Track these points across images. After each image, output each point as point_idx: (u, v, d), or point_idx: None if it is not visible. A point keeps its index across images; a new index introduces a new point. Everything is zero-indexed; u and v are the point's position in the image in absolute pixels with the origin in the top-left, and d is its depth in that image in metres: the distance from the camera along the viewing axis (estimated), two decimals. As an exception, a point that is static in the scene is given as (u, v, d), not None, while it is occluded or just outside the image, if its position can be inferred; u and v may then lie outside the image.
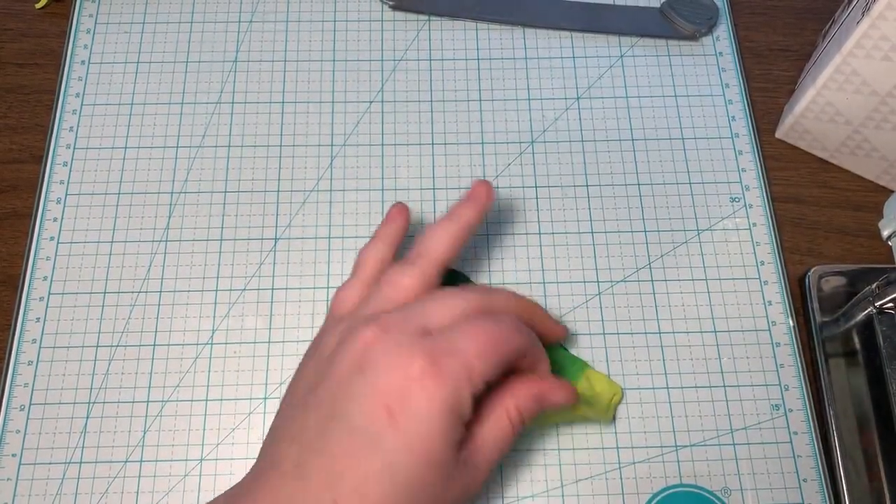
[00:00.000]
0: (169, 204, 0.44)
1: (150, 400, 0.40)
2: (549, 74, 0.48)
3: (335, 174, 0.45)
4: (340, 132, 0.46)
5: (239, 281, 0.42)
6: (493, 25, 0.50)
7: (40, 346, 0.41)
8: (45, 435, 0.39)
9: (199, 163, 0.45)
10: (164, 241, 0.43)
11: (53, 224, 0.43)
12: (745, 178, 0.45)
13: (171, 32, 0.49)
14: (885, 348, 0.39)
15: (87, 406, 0.39)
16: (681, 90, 0.48)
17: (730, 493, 0.38)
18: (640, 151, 0.46)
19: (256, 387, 0.40)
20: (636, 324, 0.42)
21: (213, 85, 0.47)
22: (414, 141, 0.46)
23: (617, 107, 0.47)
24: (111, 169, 0.45)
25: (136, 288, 0.42)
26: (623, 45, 0.49)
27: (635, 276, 0.43)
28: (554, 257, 0.43)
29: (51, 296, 0.42)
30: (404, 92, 0.48)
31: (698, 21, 0.49)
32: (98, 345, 0.41)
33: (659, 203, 0.45)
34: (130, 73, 0.48)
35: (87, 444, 0.39)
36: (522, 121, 0.47)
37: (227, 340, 0.41)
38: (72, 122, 0.46)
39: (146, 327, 0.41)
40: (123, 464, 0.38)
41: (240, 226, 0.44)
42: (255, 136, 0.46)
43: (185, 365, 0.40)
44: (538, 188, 0.45)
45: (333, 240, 0.43)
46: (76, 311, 0.41)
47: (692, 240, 0.44)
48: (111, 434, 0.39)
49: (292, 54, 0.48)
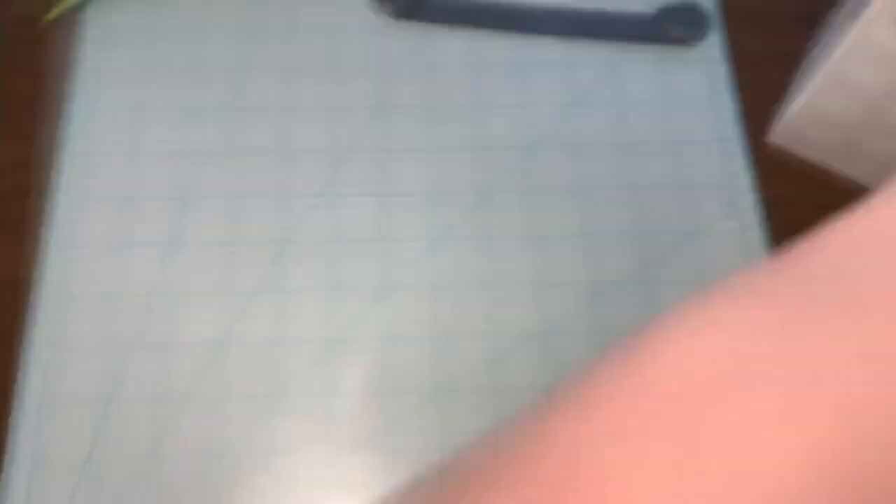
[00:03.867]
0: (176, 209, 0.45)
1: (160, 403, 0.40)
2: (543, 81, 0.49)
3: (337, 181, 0.46)
4: (341, 140, 0.47)
5: (244, 286, 0.43)
6: (488, 34, 0.50)
7: (50, 350, 0.41)
8: (56, 438, 0.39)
9: (204, 169, 0.46)
10: (172, 245, 0.44)
11: (63, 229, 0.44)
12: (737, 183, 0.46)
13: (176, 42, 0.49)
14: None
15: (98, 409, 0.40)
16: (673, 96, 0.48)
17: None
18: (633, 156, 0.46)
19: (266, 390, 0.40)
20: (629, 329, 0.42)
21: (218, 92, 0.48)
22: (413, 148, 0.47)
23: (610, 113, 0.48)
24: (118, 176, 0.46)
25: (144, 292, 0.43)
26: (616, 51, 0.50)
27: (628, 281, 0.43)
28: (548, 263, 0.43)
29: (59, 301, 0.42)
30: (403, 100, 0.48)
31: (691, 27, 0.49)
32: (107, 349, 0.41)
33: (652, 208, 0.45)
34: (136, 82, 0.48)
35: (99, 447, 0.39)
36: (518, 127, 0.47)
37: (237, 344, 0.41)
38: (80, 129, 0.47)
39: (155, 332, 0.42)
40: (135, 467, 0.39)
41: (246, 231, 0.44)
42: (259, 143, 0.47)
43: (197, 367, 0.41)
44: (533, 194, 0.45)
45: (335, 247, 0.44)
46: (84, 316, 0.42)
47: (685, 245, 0.44)
48: (121, 439, 0.39)
49: (292, 63, 0.49)
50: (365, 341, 0.42)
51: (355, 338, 0.42)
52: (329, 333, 0.42)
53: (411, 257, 0.44)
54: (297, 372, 0.41)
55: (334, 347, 0.42)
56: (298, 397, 0.41)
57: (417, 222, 0.44)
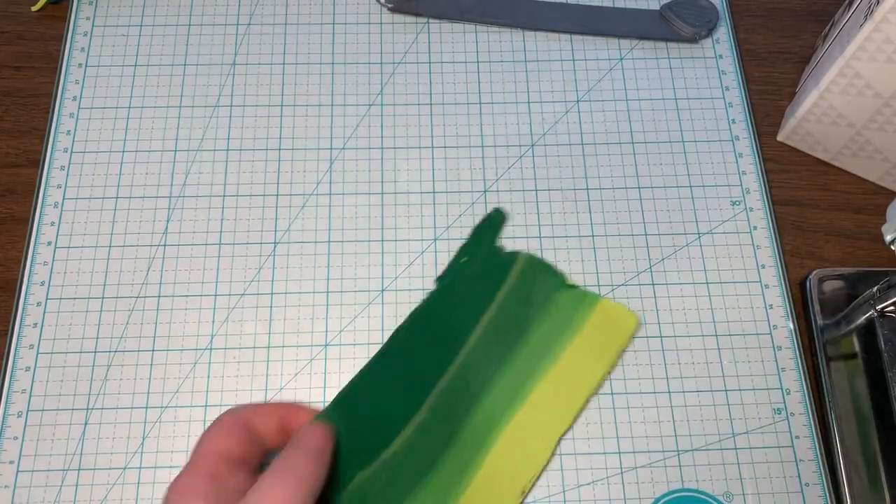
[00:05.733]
0: (167, 208, 0.44)
1: (149, 406, 0.39)
2: (548, 77, 0.48)
3: (335, 178, 0.45)
4: (339, 135, 0.46)
5: (238, 285, 0.42)
6: (492, 28, 0.49)
7: (38, 351, 0.40)
8: (42, 441, 0.38)
9: (197, 167, 0.45)
10: (163, 245, 0.43)
11: (51, 228, 0.43)
12: (745, 181, 0.45)
13: (168, 35, 0.49)
14: (887, 352, 0.39)
15: (85, 412, 0.39)
16: (680, 93, 0.48)
17: (732, 497, 0.38)
18: (640, 154, 0.46)
19: (256, 392, 0.40)
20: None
21: (211, 88, 0.47)
22: (413, 144, 0.46)
23: (617, 110, 0.47)
24: (109, 173, 0.45)
25: (135, 293, 0.42)
26: (622, 47, 0.49)
27: (636, 279, 0.43)
28: (554, 260, 0.43)
29: (48, 301, 0.41)
30: (403, 95, 0.47)
31: (698, 23, 0.49)
32: (96, 350, 0.40)
33: (659, 206, 0.45)
34: (128, 77, 0.47)
35: (86, 450, 0.38)
36: (522, 123, 0.47)
37: (227, 345, 0.41)
38: (69, 125, 0.46)
39: (145, 332, 0.41)
40: (122, 470, 0.38)
41: (239, 230, 0.43)
42: (254, 139, 0.46)
43: (185, 370, 0.40)
44: (538, 191, 0.45)
45: (333, 244, 0.43)
46: (74, 317, 0.41)
47: (693, 243, 0.44)
48: (110, 440, 0.39)
49: (291, 57, 0.48)
50: (360, 342, 0.41)
51: (351, 339, 0.41)
52: (323, 335, 0.41)
53: (410, 255, 0.43)
54: (286, 377, 0.40)
55: (328, 350, 0.41)
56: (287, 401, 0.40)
57: (416, 219, 0.44)
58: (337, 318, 0.41)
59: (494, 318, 0.40)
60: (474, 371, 0.39)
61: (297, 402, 0.38)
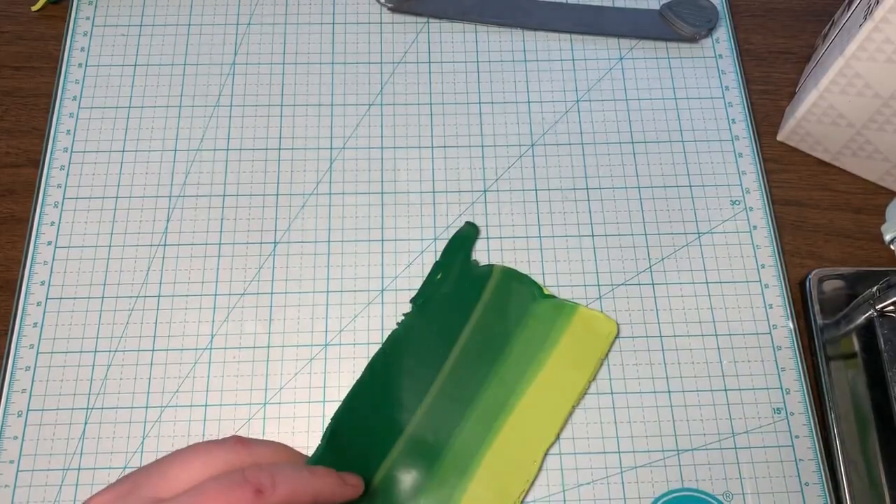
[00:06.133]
0: (167, 208, 0.44)
1: (149, 405, 0.39)
2: (548, 77, 0.48)
3: (335, 177, 0.45)
4: (339, 135, 0.46)
5: (238, 285, 0.42)
6: (492, 28, 0.49)
7: (38, 351, 0.40)
8: (43, 441, 0.38)
9: (197, 166, 0.45)
10: (163, 245, 0.43)
11: (51, 228, 0.43)
12: (745, 181, 0.45)
13: (168, 35, 0.49)
14: (886, 351, 0.39)
15: (85, 412, 0.39)
16: (680, 93, 0.48)
17: (732, 497, 0.38)
18: (640, 154, 0.46)
19: (256, 392, 0.40)
20: (637, 327, 0.42)
21: (210, 88, 0.47)
22: (413, 144, 0.46)
23: (616, 109, 0.47)
24: (109, 173, 0.45)
25: (135, 293, 0.42)
26: (622, 47, 0.49)
27: (636, 279, 0.43)
28: (554, 260, 0.43)
29: (48, 301, 0.41)
30: (403, 94, 0.47)
31: (698, 23, 0.49)
32: (96, 350, 0.40)
33: (659, 206, 0.45)
34: (128, 77, 0.47)
35: (86, 450, 0.38)
36: (522, 123, 0.47)
37: (227, 345, 0.41)
38: (69, 125, 0.46)
39: (145, 332, 0.41)
40: (122, 470, 0.38)
41: (239, 230, 0.43)
42: (254, 139, 0.46)
43: (185, 370, 0.40)
44: (538, 191, 0.45)
45: (333, 243, 0.43)
46: (74, 316, 0.41)
47: (692, 243, 0.44)
48: (110, 440, 0.39)
49: (290, 57, 0.48)
50: (360, 342, 0.41)
51: (351, 339, 0.41)
52: (323, 334, 0.41)
53: (410, 255, 0.43)
54: (286, 376, 0.40)
55: (328, 349, 0.41)
56: (287, 401, 0.40)
57: (416, 218, 0.44)
58: (337, 318, 0.42)
59: (472, 337, 0.40)
60: (455, 392, 0.39)
61: (286, 446, 0.36)
